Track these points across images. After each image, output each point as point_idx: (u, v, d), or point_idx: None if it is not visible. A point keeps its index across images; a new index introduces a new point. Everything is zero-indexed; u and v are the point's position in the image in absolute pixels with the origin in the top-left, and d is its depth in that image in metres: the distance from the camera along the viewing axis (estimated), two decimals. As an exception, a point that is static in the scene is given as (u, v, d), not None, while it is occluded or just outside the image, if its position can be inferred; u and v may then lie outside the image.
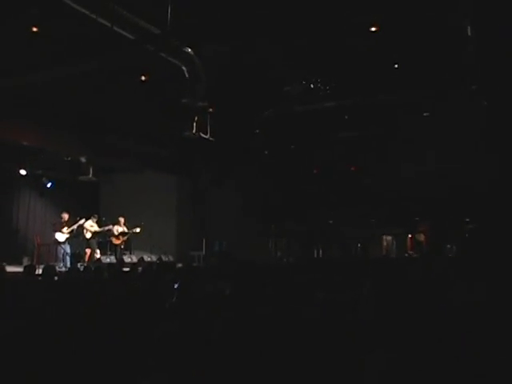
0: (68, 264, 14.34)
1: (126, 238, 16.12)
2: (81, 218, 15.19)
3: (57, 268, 10.78)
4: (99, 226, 15.77)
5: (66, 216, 15.13)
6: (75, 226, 14.96)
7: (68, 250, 14.90)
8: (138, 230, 15.88)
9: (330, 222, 19.14)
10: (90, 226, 15.48)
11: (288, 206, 19.22)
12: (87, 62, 10.54)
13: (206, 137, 13.73)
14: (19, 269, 11.45)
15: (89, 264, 13.88)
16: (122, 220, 16.08)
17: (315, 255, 19.14)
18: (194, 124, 13.38)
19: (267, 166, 18.53)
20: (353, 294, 5.61)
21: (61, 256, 14.72)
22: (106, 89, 12.29)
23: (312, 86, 12.69)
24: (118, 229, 15.93)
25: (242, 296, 5.70)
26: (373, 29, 10.41)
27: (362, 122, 15.06)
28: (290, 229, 19.62)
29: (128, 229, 16.03)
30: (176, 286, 6.51)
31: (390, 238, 20.22)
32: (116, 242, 16.00)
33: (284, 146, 17.98)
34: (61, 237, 14.76)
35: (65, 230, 14.83)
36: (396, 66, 12.17)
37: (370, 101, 13.72)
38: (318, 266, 11.59)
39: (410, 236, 19.30)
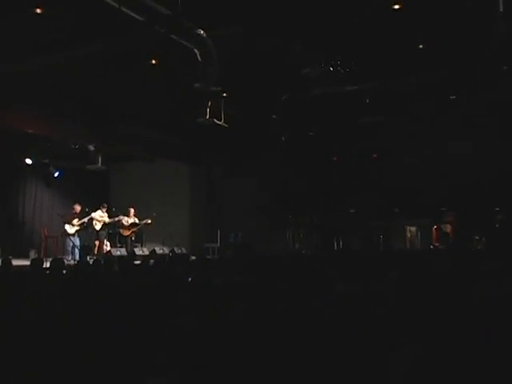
0: (77, 257, 14.46)
1: (135, 229, 16.20)
2: (92, 211, 15.31)
3: (65, 261, 10.89)
4: (109, 217, 15.86)
5: (78, 208, 15.25)
6: (86, 219, 15.07)
7: (77, 242, 15.03)
8: (149, 221, 15.96)
9: (351, 211, 19.05)
10: (100, 216, 15.59)
11: (306, 195, 19.16)
12: (94, 45, 10.56)
13: (220, 123, 13.73)
14: (26, 262, 11.57)
15: (98, 257, 13.98)
16: (131, 211, 16.16)
17: (335, 247, 19.07)
18: (208, 110, 13.37)
19: (285, 154, 18.48)
20: (375, 287, 5.59)
21: (69, 249, 14.86)
22: (115, 74, 12.31)
23: (332, 68, 12.57)
24: (128, 220, 16.01)
25: (258, 290, 5.71)
26: (396, 6, 10.28)
27: (385, 106, 14.93)
28: (309, 219, 19.57)
29: (139, 220, 16.12)
30: (189, 279, 6.54)
31: (414, 228, 20.06)
32: (125, 233, 16.09)
33: (302, 132, 17.90)
34: (70, 229, 14.88)
35: (75, 221, 14.93)
36: (421, 46, 12.01)
37: (393, 84, 13.60)
38: (337, 258, 11.56)
39: (435, 227, 19.14)
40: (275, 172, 18.97)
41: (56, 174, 17.56)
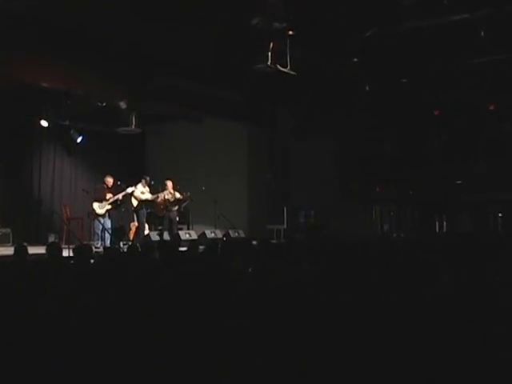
0: (107, 242, 14.74)
1: (173, 207, 16.15)
2: (128, 186, 15.41)
3: (93, 248, 11.16)
4: (151, 193, 15.96)
5: (110, 181, 15.46)
6: (120, 196, 15.26)
7: (108, 224, 15.29)
8: (180, 196, 15.93)
9: (458, 182, 18.74)
10: (141, 192, 15.74)
11: (399, 162, 18.93)
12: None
13: (286, 70, 13.64)
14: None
15: (134, 242, 14.23)
16: (169, 184, 16.13)
17: (437, 228, 18.86)
18: (269, 53, 13.30)
19: (370, 108, 18.23)
20: (492, 280, 5.49)
21: (99, 232, 15.14)
22: (150, 10, 12.34)
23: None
24: (165, 195, 15.96)
25: (336, 283, 5.68)
26: None
27: (506, 40, 14.44)
28: (401, 192, 19.37)
29: (180, 193, 16.08)
30: (249, 269, 6.58)
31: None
32: (160, 213, 16.13)
33: (392, 78, 17.60)
34: (100, 208, 15.13)
35: (107, 198, 15.15)
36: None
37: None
38: (441, 244, 11.41)
39: None
40: (357, 131, 18.77)
41: (79, 139, 17.76)
